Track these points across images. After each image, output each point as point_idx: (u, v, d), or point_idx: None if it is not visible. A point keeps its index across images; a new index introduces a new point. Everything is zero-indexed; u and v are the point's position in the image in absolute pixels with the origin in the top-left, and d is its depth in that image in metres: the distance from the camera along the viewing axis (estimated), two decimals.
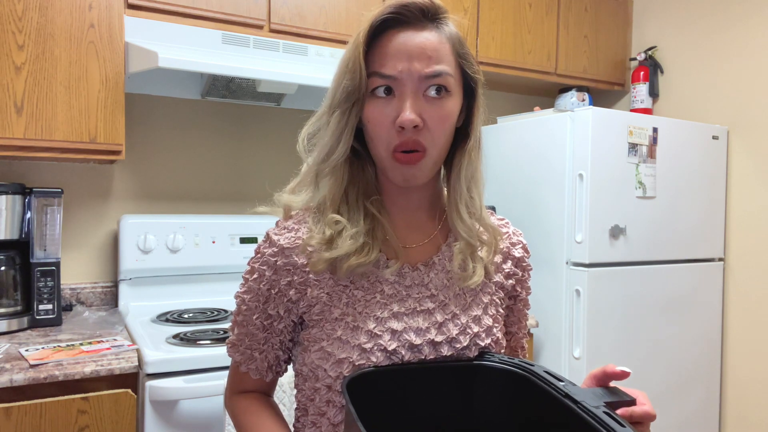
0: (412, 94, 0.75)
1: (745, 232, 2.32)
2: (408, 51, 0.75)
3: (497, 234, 0.86)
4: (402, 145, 0.75)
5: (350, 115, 0.77)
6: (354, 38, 0.77)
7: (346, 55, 0.77)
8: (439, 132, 0.76)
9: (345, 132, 0.77)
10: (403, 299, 0.80)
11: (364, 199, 0.81)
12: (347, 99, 0.76)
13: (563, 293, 2.05)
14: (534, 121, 2.19)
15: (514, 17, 2.36)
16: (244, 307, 0.84)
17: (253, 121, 2.22)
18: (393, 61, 0.75)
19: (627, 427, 0.59)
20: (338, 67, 0.79)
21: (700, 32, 2.47)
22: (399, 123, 0.74)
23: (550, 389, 0.69)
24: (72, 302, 1.91)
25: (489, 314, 0.84)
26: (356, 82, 0.75)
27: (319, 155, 0.80)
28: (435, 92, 0.75)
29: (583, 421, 0.63)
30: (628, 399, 0.68)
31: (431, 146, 0.77)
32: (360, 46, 0.75)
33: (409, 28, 0.76)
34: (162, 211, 2.07)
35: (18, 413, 1.25)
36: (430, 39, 0.76)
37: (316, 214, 0.82)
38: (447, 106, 0.77)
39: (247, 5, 1.84)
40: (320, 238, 0.78)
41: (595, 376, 0.73)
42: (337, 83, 0.78)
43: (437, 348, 0.78)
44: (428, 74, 0.74)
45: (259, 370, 0.86)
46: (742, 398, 2.32)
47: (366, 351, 0.75)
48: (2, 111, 1.52)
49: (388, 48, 0.75)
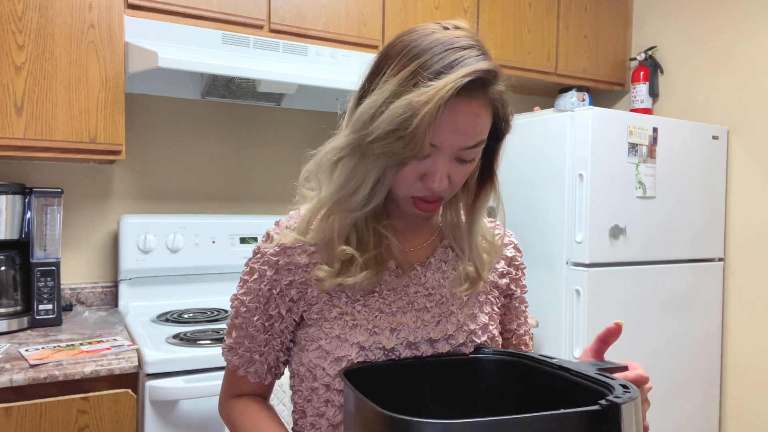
0: (446, 161, 0.74)
1: (745, 232, 2.32)
2: (455, 125, 0.71)
3: (496, 249, 0.88)
4: (425, 198, 0.77)
5: (390, 172, 0.73)
6: (419, 99, 0.67)
7: (403, 112, 0.67)
8: (459, 185, 0.78)
9: (383, 188, 0.74)
10: (401, 298, 0.81)
11: (375, 222, 0.81)
12: (391, 158, 0.71)
13: (563, 293, 2.05)
14: (534, 121, 2.19)
15: (514, 17, 2.36)
16: (243, 309, 0.83)
17: (253, 121, 2.22)
18: (439, 133, 0.70)
19: (618, 380, 0.62)
20: (387, 114, 0.69)
21: (700, 32, 2.47)
22: (429, 187, 0.74)
23: (545, 367, 0.72)
24: (72, 302, 1.91)
25: (485, 312, 0.86)
26: (411, 153, 0.69)
27: (344, 198, 0.75)
28: (466, 159, 0.75)
29: (578, 384, 0.65)
30: (619, 365, 0.71)
31: (449, 195, 0.80)
32: (431, 119, 0.67)
33: (461, 97, 0.69)
34: (162, 211, 2.07)
35: (18, 413, 1.25)
36: (478, 113, 0.72)
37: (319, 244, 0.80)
38: (473, 166, 0.78)
39: (247, 5, 1.84)
40: (329, 272, 0.78)
41: (590, 348, 0.76)
42: (381, 134, 0.69)
43: (434, 345, 0.80)
44: (466, 147, 0.73)
45: (259, 373, 0.85)
46: (742, 398, 2.32)
47: (364, 349, 0.76)
48: (2, 111, 1.52)
49: (439, 120, 0.69)
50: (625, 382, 0.61)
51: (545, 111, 2.24)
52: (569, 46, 2.52)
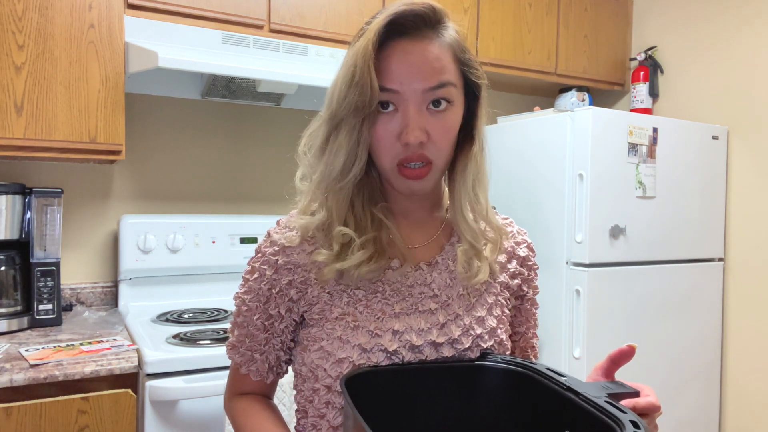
0: (415, 109, 0.73)
1: (745, 232, 2.32)
2: (408, 64, 0.72)
3: (502, 233, 0.86)
4: (407, 159, 0.74)
5: (362, 131, 0.74)
6: (357, 49, 0.73)
7: (350, 66, 0.73)
8: (443, 144, 0.76)
9: (360, 149, 0.75)
10: (405, 299, 0.79)
11: (370, 205, 0.80)
12: (356, 114, 0.73)
13: (563, 293, 2.05)
14: (534, 121, 2.19)
15: (514, 17, 2.36)
16: (244, 307, 0.83)
17: (253, 121, 2.22)
18: (393, 75, 0.73)
19: (629, 414, 0.59)
20: (340, 77, 0.75)
21: (700, 32, 2.47)
22: (404, 141, 0.73)
23: (552, 384, 0.69)
24: (72, 302, 1.91)
25: (493, 315, 0.83)
26: (366, 97, 0.72)
27: (330, 172, 0.76)
28: (438, 105, 0.74)
29: (585, 411, 0.62)
30: (631, 390, 0.68)
31: (437, 158, 0.76)
32: (369, 58, 0.71)
33: (408, 37, 0.73)
34: (162, 211, 2.07)
35: (18, 413, 1.25)
36: (430, 50, 0.73)
37: (321, 230, 0.80)
38: (450, 118, 0.76)
39: (247, 5, 1.84)
40: (328, 254, 0.77)
41: (600, 366, 0.73)
42: (341, 95, 0.74)
43: (438, 349, 0.78)
44: (430, 87, 0.73)
45: (260, 372, 0.85)
46: (742, 398, 2.32)
47: (366, 351, 0.75)
48: (2, 111, 1.52)
49: (389, 61, 0.73)
50: (636, 419, 0.58)
51: (545, 111, 2.25)
52: (569, 46, 2.52)
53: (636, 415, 0.59)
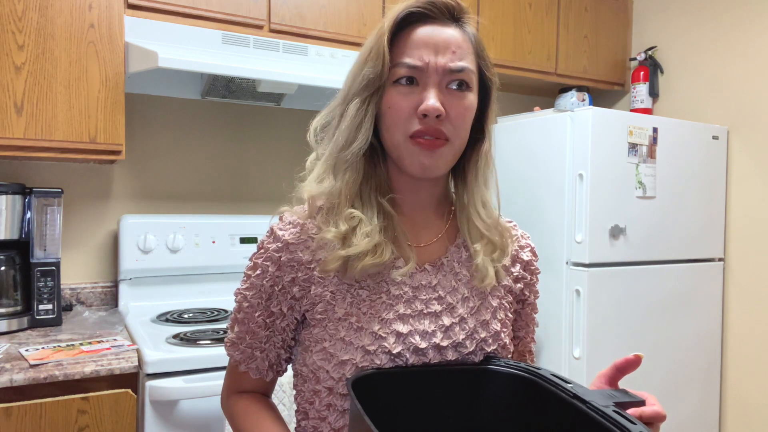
0: (435, 85, 0.75)
1: (745, 232, 2.32)
2: (435, 43, 0.76)
3: (509, 236, 0.86)
4: (422, 132, 0.75)
5: (370, 104, 0.77)
6: (377, 29, 0.78)
7: (368, 45, 0.78)
8: (460, 123, 0.77)
9: (365, 121, 0.77)
10: (410, 301, 0.78)
11: (378, 195, 0.80)
12: (367, 87, 0.76)
13: (563, 293, 2.05)
14: (534, 121, 2.19)
15: (514, 17, 2.36)
16: (245, 304, 0.82)
17: (253, 121, 2.22)
18: (419, 52, 0.75)
19: (638, 425, 0.58)
20: (358, 58, 0.79)
21: (701, 32, 2.47)
22: (423, 110, 0.74)
23: (558, 391, 0.68)
24: (72, 302, 1.91)
25: (497, 318, 0.82)
26: (378, 69, 0.75)
27: (337, 145, 0.79)
28: (457, 86, 0.76)
29: (592, 420, 0.62)
30: (637, 399, 0.67)
31: (453, 136, 0.77)
32: (385, 35, 0.75)
33: (434, 23, 0.77)
34: (162, 211, 2.07)
35: (18, 413, 1.25)
36: (455, 36, 0.77)
37: (328, 209, 0.80)
38: (468, 100, 0.78)
39: (247, 5, 1.84)
40: (336, 233, 0.76)
41: (604, 374, 0.73)
42: (356, 73, 0.78)
43: (442, 352, 0.77)
44: (453, 69, 0.76)
45: (260, 370, 0.84)
46: (742, 398, 2.32)
47: (370, 353, 0.74)
48: (2, 111, 1.52)
49: (414, 39, 0.76)
50: (646, 430, 0.57)
51: (545, 111, 2.24)
52: (569, 46, 2.52)
53: (645, 426, 0.58)
